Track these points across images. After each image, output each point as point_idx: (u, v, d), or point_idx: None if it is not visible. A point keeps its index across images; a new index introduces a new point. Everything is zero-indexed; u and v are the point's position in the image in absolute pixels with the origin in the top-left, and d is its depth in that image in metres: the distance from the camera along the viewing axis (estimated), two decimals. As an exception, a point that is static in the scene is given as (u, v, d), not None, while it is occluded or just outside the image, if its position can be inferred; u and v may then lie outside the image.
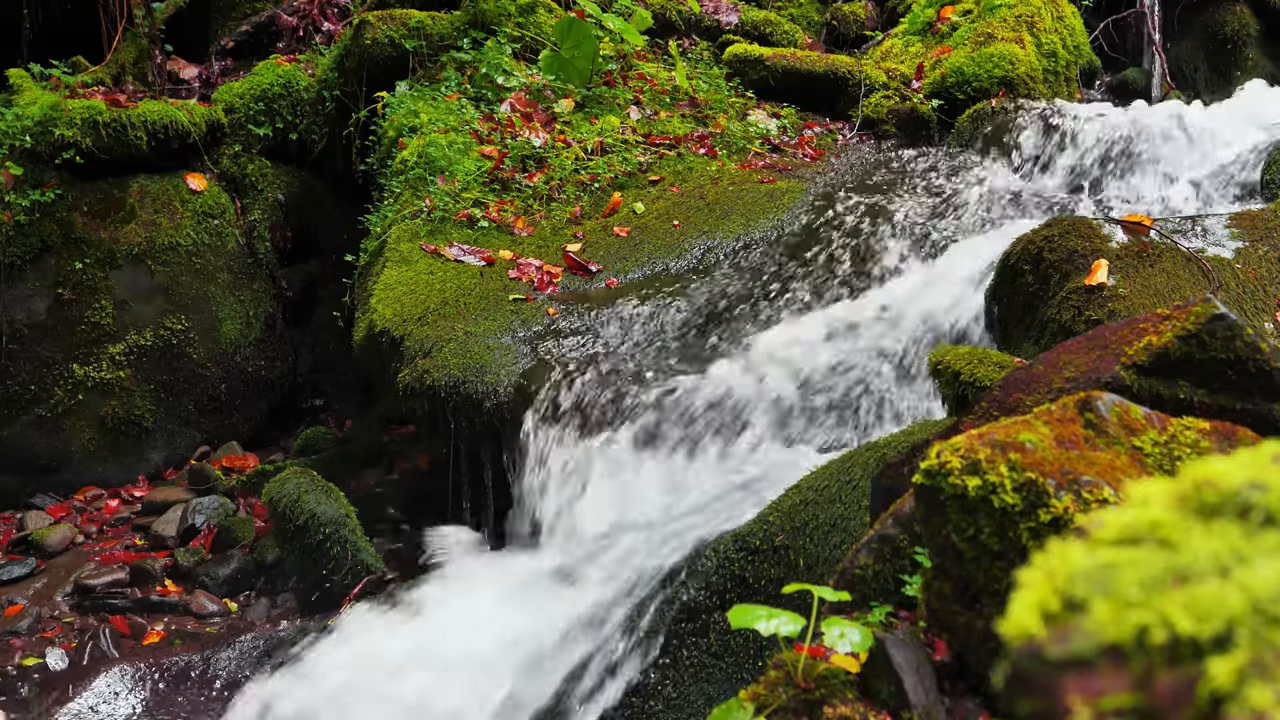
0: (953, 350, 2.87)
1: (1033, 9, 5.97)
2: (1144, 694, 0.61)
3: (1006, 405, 1.97)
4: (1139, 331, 1.93)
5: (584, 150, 5.13)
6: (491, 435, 3.85)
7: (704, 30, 6.59)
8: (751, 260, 4.46)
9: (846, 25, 7.20)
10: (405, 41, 5.62)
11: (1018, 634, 0.66)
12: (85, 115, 5.32)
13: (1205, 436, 1.60)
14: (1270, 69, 7.06)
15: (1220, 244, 3.58)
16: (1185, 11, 7.20)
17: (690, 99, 5.73)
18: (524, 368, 3.86)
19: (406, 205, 4.85)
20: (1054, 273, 3.40)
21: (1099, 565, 0.66)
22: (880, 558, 1.84)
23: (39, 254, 5.36)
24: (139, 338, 5.47)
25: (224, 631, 4.17)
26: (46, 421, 5.36)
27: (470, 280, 4.39)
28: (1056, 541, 0.70)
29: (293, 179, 6.05)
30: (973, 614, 1.54)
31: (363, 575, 4.07)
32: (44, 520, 5.04)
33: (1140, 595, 0.63)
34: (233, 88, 6.03)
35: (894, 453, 2.70)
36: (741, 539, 2.88)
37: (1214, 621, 0.61)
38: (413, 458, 4.97)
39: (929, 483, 1.52)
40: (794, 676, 1.62)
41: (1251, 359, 1.84)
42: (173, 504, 5.00)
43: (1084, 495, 1.41)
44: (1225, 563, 0.64)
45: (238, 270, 5.74)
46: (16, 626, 4.23)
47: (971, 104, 5.48)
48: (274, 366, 5.85)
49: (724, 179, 5.02)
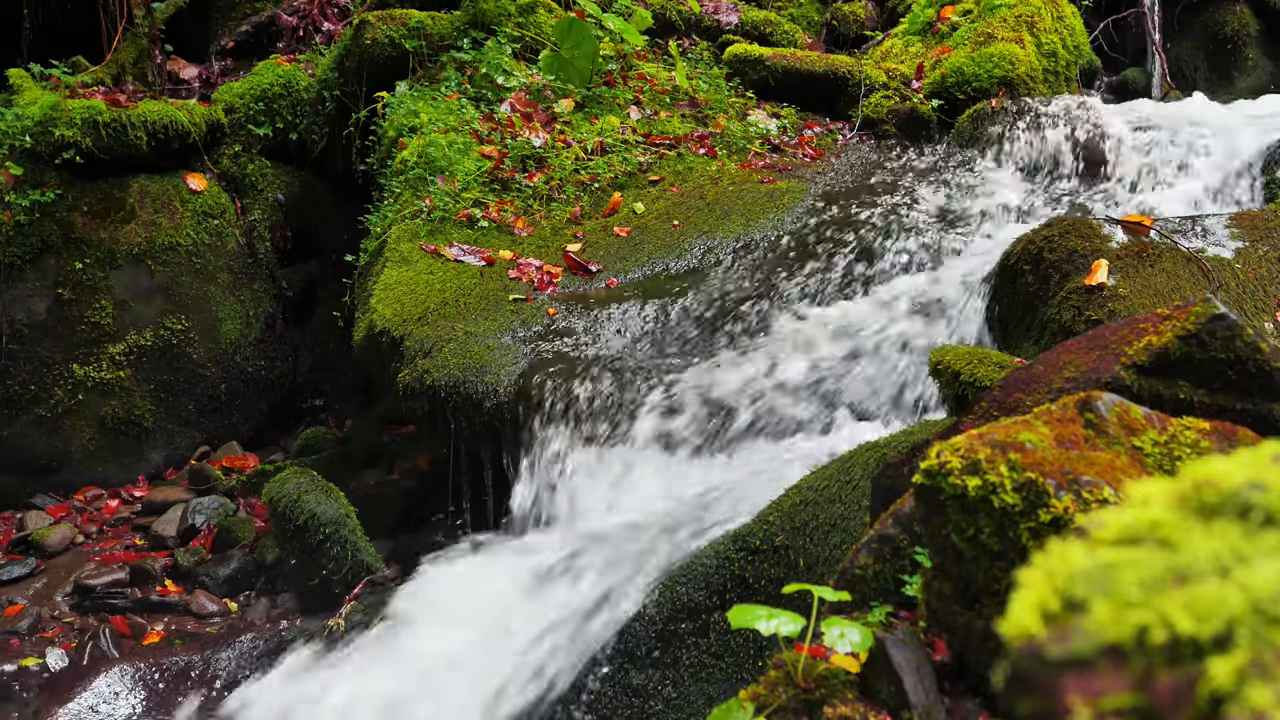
0: (953, 350, 2.87)
1: (1033, 9, 5.96)
2: (1144, 694, 0.61)
3: (1006, 405, 1.97)
4: (1139, 331, 1.93)
5: (584, 150, 5.13)
6: (491, 435, 3.85)
7: (704, 30, 6.59)
8: (752, 260, 4.46)
9: (846, 25, 7.20)
10: (405, 41, 5.62)
11: (1018, 634, 0.66)
12: (85, 115, 5.32)
13: (1205, 436, 1.60)
14: (1270, 69, 7.06)
15: (1220, 244, 3.58)
16: (1185, 11, 7.20)
17: (690, 99, 5.73)
18: (524, 368, 3.86)
19: (406, 205, 4.85)
20: (1054, 273, 3.40)
21: (1099, 565, 0.66)
22: (880, 558, 1.84)
23: (39, 254, 5.36)
24: (139, 338, 5.47)
25: (224, 631, 4.17)
26: (46, 421, 5.36)
27: (470, 280, 4.39)
28: (1056, 541, 0.70)
29: (293, 179, 6.05)
30: (973, 614, 1.54)
31: (363, 575, 4.07)
32: (44, 520, 5.04)
33: (1140, 595, 0.63)
34: (233, 88, 6.03)
35: (894, 453, 2.70)
36: (741, 539, 2.88)
37: (1214, 621, 0.61)
38: (413, 458, 4.97)
39: (929, 483, 1.52)
40: (794, 676, 1.62)
41: (1251, 359, 1.84)
42: (173, 504, 5.00)
43: (1084, 495, 1.41)
44: (1225, 563, 0.64)
45: (238, 270, 5.74)
46: (16, 626, 4.23)
47: (971, 104, 5.48)
48: (274, 366, 5.85)
49: (724, 179, 5.02)
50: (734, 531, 2.93)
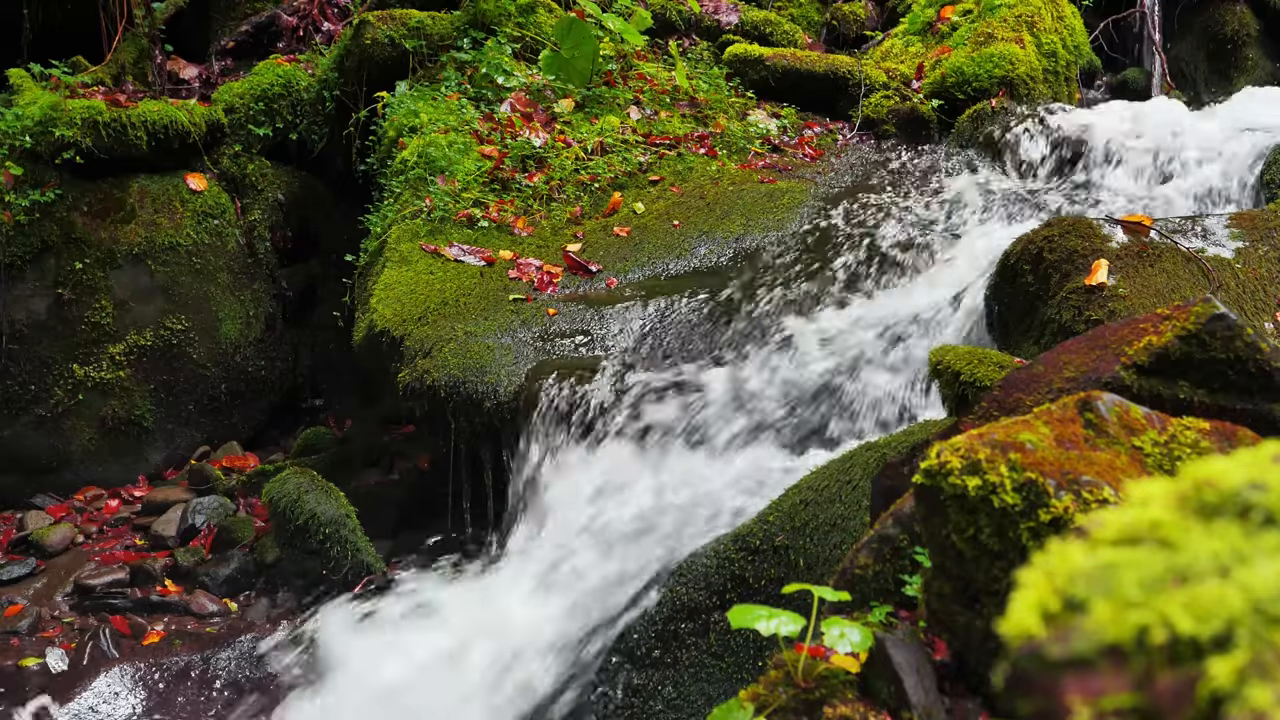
0: (953, 350, 2.87)
1: (1033, 9, 5.96)
2: (1144, 694, 0.61)
3: (1006, 405, 1.97)
4: (1139, 331, 1.93)
5: (584, 150, 5.13)
6: (491, 435, 3.85)
7: (704, 30, 6.59)
8: (752, 260, 4.46)
9: (846, 25, 7.20)
10: (405, 41, 5.62)
11: (1018, 634, 0.66)
12: (85, 115, 5.32)
13: (1205, 436, 1.59)
14: (1270, 69, 7.06)
15: (1220, 244, 3.58)
16: (1185, 11, 7.19)
17: (690, 99, 5.73)
18: (524, 368, 3.86)
19: (406, 205, 4.85)
20: (1054, 273, 3.39)
21: (1099, 565, 0.66)
22: (880, 558, 1.84)
23: (39, 254, 5.36)
24: (139, 338, 5.46)
25: (224, 631, 4.17)
26: (46, 421, 5.36)
27: (470, 280, 4.39)
28: (1056, 541, 0.70)
29: (293, 179, 6.05)
30: (973, 614, 1.54)
31: (363, 575, 4.07)
32: (44, 520, 5.04)
33: (1140, 595, 0.63)
34: (233, 88, 6.02)
35: (894, 453, 2.70)
36: (741, 539, 2.88)
37: (1214, 621, 0.60)
38: (413, 458, 4.97)
39: (929, 483, 1.52)
40: (794, 676, 1.62)
41: (1251, 359, 1.84)
42: (173, 504, 5.00)
43: (1084, 495, 1.41)
44: (1225, 563, 0.64)
45: (238, 270, 5.74)
46: (16, 626, 4.23)
47: (971, 104, 5.48)
48: (274, 366, 5.85)
49: (724, 179, 5.02)
50: (734, 531, 2.93)
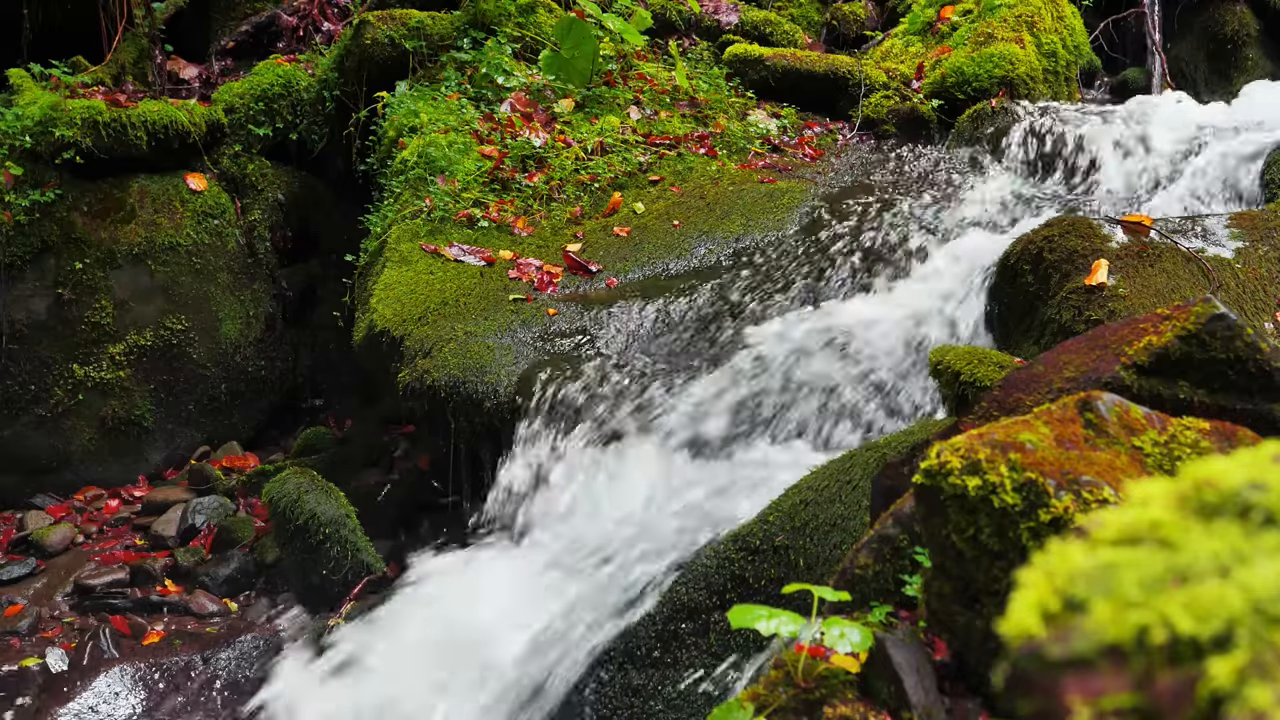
0: (953, 350, 2.87)
1: (1033, 9, 5.96)
2: (1144, 694, 0.61)
3: (1006, 405, 1.97)
4: (1139, 331, 1.93)
5: (584, 150, 5.13)
6: (491, 435, 3.85)
7: (704, 30, 6.59)
8: (752, 260, 4.46)
9: (846, 25, 7.20)
10: (405, 41, 5.62)
11: (1018, 634, 0.66)
12: (85, 115, 5.32)
13: (1205, 436, 1.59)
14: (1270, 69, 7.06)
15: (1220, 244, 3.58)
16: (1185, 11, 7.19)
17: (690, 99, 5.73)
18: (524, 368, 3.86)
19: (406, 205, 4.85)
20: (1054, 273, 3.39)
21: (1099, 565, 0.66)
22: (880, 558, 1.84)
23: (39, 254, 5.36)
24: (139, 338, 5.47)
25: (224, 631, 4.17)
26: (46, 421, 5.36)
27: (470, 280, 4.39)
28: (1056, 541, 0.70)
29: (293, 179, 6.05)
30: (973, 614, 1.54)
31: (363, 575, 4.07)
32: (44, 520, 5.04)
33: (1140, 595, 0.63)
34: (233, 88, 6.03)
35: (894, 453, 2.70)
36: (741, 539, 2.88)
37: (1214, 621, 0.60)
38: (413, 458, 4.97)
39: (929, 483, 1.52)
40: (794, 676, 1.62)
41: (1251, 359, 1.84)
42: (173, 504, 5.00)
43: (1084, 495, 1.41)
44: (1225, 563, 0.64)
45: (238, 270, 5.74)
46: (16, 626, 4.23)
47: (972, 104, 5.48)
48: (274, 366, 5.85)
49: (724, 179, 5.02)
50: (734, 531, 2.93)
